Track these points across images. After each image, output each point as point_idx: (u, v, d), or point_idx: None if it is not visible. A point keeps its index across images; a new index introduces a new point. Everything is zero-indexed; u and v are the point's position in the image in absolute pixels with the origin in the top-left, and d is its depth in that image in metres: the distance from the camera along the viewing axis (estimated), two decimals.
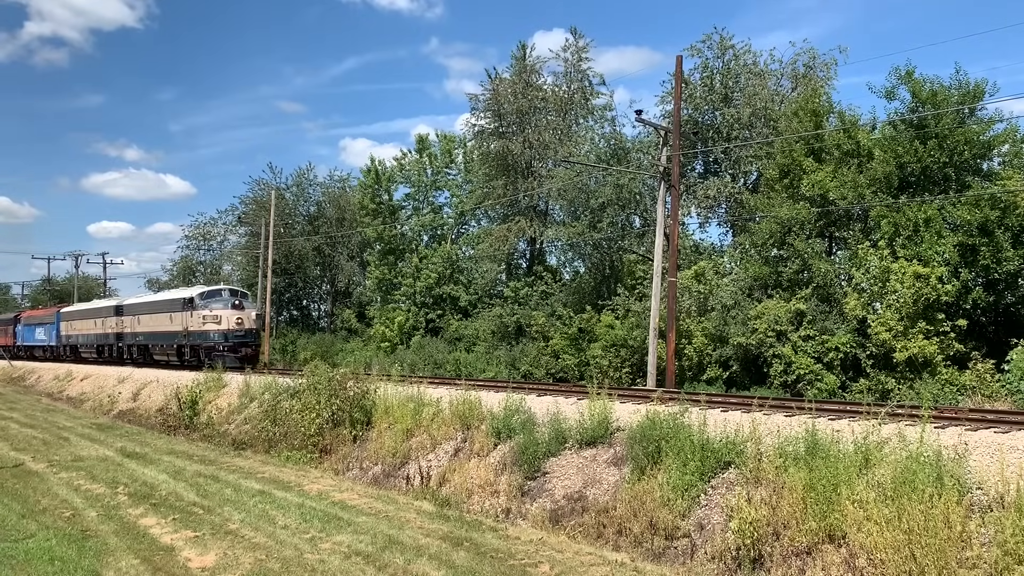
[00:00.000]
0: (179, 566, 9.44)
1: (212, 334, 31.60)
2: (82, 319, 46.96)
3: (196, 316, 32.06)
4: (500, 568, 9.48)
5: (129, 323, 39.63)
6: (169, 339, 34.80)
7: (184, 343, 33.15)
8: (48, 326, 52.56)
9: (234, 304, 32.01)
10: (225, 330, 31.47)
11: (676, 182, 23.11)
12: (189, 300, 32.77)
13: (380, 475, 16.11)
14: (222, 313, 31.64)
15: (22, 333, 58.17)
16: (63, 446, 19.65)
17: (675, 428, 11.69)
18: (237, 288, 36.47)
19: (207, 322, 31.61)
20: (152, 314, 36.75)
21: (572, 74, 39.34)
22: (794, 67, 32.60)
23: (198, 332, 32.06)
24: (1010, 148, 22.87)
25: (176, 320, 33.70)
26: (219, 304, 31.97)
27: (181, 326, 33.12)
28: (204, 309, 31.84)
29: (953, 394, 19.13)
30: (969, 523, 7.98)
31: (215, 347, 31.19)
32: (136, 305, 39.58)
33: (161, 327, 35.59)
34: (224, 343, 31.32)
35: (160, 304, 36.60)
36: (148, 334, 37.39)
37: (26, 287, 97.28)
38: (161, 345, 36.14)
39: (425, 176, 55.32)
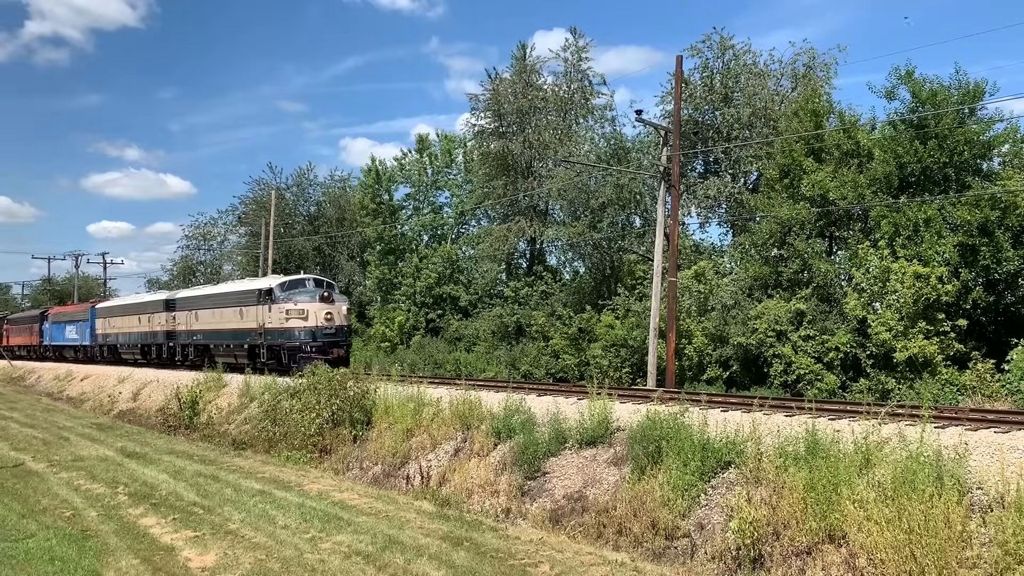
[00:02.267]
0: (179, 566, 9.44)
1: (297, 332, 26.36)
2: (123, 315, 41.55)
3: (276, 311, 26.82)
4: (500, 568, 9.48)
5: (183, 319, 34.12)
6: (238, 338, 29.52)
7: (259, 343, 27.90)
8: (81, 324, 47.08)
9: (322, 296, 26.75)
10: (312, 327, 26.26)
11: (676, 182, 23.11)
12: (266, 292, 27.54)
13: (380, 475, 16.11)
14: (308, 307, 26.44)
15: (50, 332, 52.62)
16: (63, 446, 19.65)
17: (675, 428, 11.68)
18: (322, 277, 30.89)
19: (291, 318, 26.48)
20: (215, 309, 31.41)
21: (572, 74, 39.36)
22: (794, 67, 32.61)
23: (278, 330, 26.82)
24: (1010, 148, 22.86)
25: (248, 316, 28.49)
26: (304, 296, 26.88)
27: (255, 322, 27.88)
28: (286, 302, 26.65)
29: (953, 394, 19.13)
30: (969, 523, 7.98)
31: (300, 348, 26.04)
32: (194, 299, 34.09)
33: (227, 324, 30.32)
34: (311, 343, 26.11)
35: (226, 297, 31.04)
36: (209, 332, 32.12)
37: (26, 287, 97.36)
38: (227, 345, 30.61)
39: (425, 176, 55.33)
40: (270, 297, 27.30)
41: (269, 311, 27.21)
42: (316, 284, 28.21)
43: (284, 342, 26.61)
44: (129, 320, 40.57)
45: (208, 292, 33.60)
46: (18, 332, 60.05)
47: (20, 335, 59.36)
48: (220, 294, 31.85)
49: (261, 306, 27.71)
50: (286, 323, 26.55)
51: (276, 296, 27.11)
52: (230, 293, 30.97)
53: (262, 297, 27.78)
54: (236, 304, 29.68)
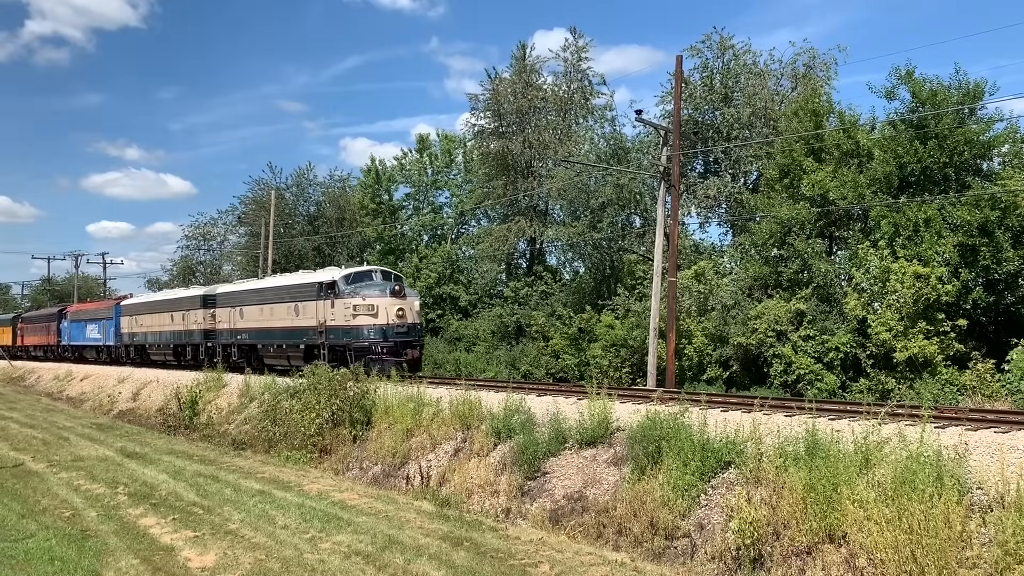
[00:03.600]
0: (179, 566, 9.44)
1: (365, 330, 23.25)
2: (153, 313, 37.99)
3: (341, 306, 23.74)
4: (500, 568, 9.47)
5: (225, 317, 30.83)
6: (292, 337, 26.44)
7: (318, 343, 24.77)
8: (104, 322, 43.65)
9: (393, 290, 23.89)
10: (383, 325, 23.25)
11: (676, 182, 23.11)
12: (329, 285, 24.46)
13: (380, 475, 16.11)
14: (378, 302, 23.44)
15: (68, 331, 49.02)
16: (63, 446, 19.65)
17: (675, 428, 11.68)
18: (389, 269, 28.08)
19: (359, 314, 23.37)
20: (264, 305, 28.28)
21: (572, 74, 39.38)
22: (794, 67, 32.62)
23: (344, 328, 23.62)
24: (1010, 148, 22.87)
25: (306, 312, 25.48)
26: (373, 290, 23.88)
27: (314, 319, 24.86)
28: (353, 297, 23.60)
29: (953, 394, 19.13)
30: (969, 523, 7.98)
31: (369, 348, 23.05)
32: (238, 294, 30.80)
33: (279, 322, 27.19)
34: (382, 342, 23.15)
35: (278, 291, 27.89)
36: (257, 331, 28.83)
37: (26, 287, 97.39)
38: (278, 345, 27.45)
39: (425, 176, 55.36)
40: (333, 291, 24.13)
41: (332, 307, 24.07)
42: (384, 276, 25.40)
43: (350, 342, 23.34)
44: (160, 318, 36.99)
45: (256, 286, 30.23)
46: (33, 331, 56.78)
47: (36, 334, 56.16)
48: (271, 288, 28.61)
49: (322, 301, 24.56)
50: (353, 320, 23.37)
51: (341, 290, 23.93)
52: (283, 287, 27.80)
53: (323, 291, 24.60)
54: (291, 299, 26.57)
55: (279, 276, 31.85)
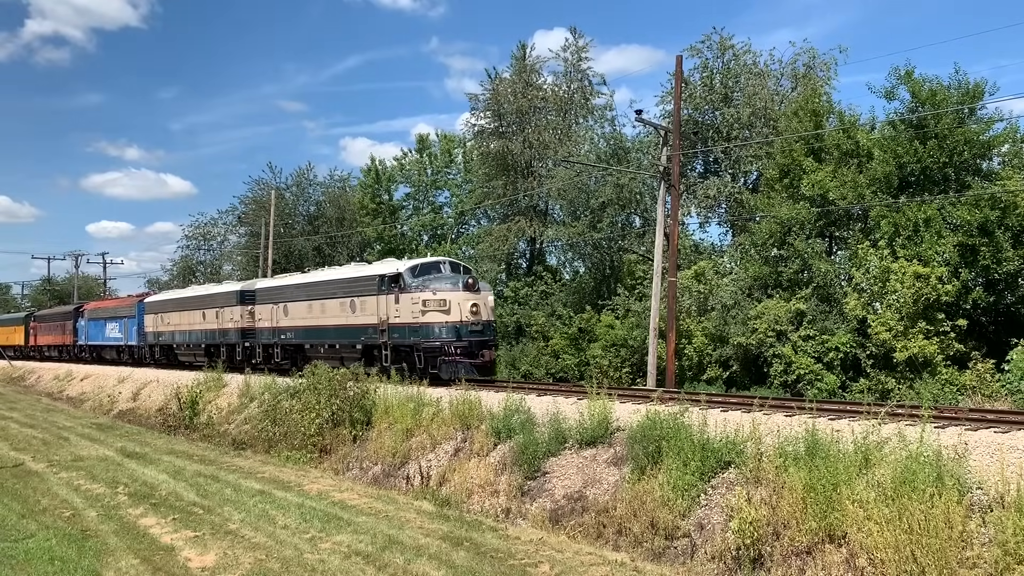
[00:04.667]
0: (179, 566, 9.44)
1: (436, 329, 20.76)
2: (181, 310, 35.34)
3: (407, 302, 21.23)
4: (500, 568, 9.47)
5: (267, 314, 28.32)
6: (349, 336, 23.97)
7: (379, 342, 22.31)
8: (125, 321, 41.01)
9: (466, 284, 21.21)
10: (456, 322, 20.72)
11: (676, 182, 23.11)
12: (392, 278, 22.00)
13: (380, 475, 16.11)
14: (450, 297, 20.85)
15: (85, 330, 46.40)
16: (63, 446, 19.66)
17: (675, 428, 11.68)
18: (458, 261, 25.45)
19: (428, 310, 20.84)
20: (313, 301, 25.80)
21: (572, 74, 39.39)
22: (794, 67, 32.63)
23: (411, 326, 21.17)
24: (1010, 148, 22.88)
25: (364, 308, 23.01)
26: (444, 284, 21.31)
27: (374, 317, 22.38)
28: (421, 291, 21.06)
29: (953, 394, 19.14)
30: (969, 523, 7.98)
31: (441, 348, 20.59)
32: (282, 289, 28.19)
33: (332, 319, 24.66)
34: (455, 342, 20.61)
35: (330, 286, 25.29)
36: (305, 330, 26.23)
37: (26, 287, 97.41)
38: (330, 345, 25.01)
39: (425, 176, 55.38)
40: (397, 285, 21.65)
41: (396, 302, 21.57)
42: (453, 268, 22.80)
43: (420, 341, 20.89)
44: (190, 316, 34.33)
45: (303, 280, 27.66)
46: (47, 331, 53.69)
47: (50, 334, 53.09)
48: (321, 283, 26.03)
49: (384, 296, 22.05)
50: (421, 318, 20.81)
51: (406, 283, 21.44)
52: (336, 281, 25.12)
53: (386, 285, 22.13)
54: (345, 294, 24.01)
55: (329, 269, 28.82)
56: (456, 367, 20.19)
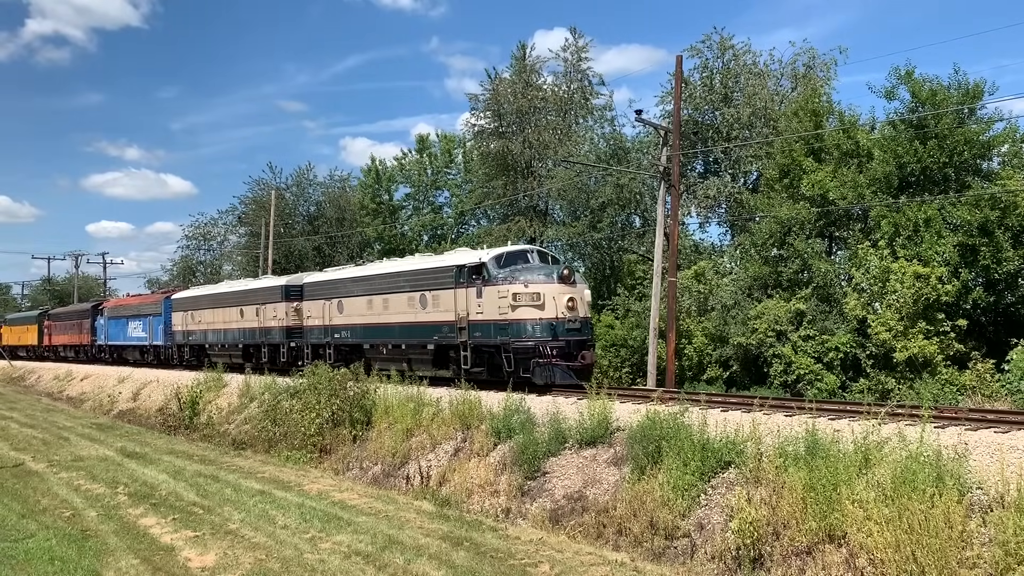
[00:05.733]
0: (179, 566, 9.44)
1: (529, 326, 18.01)
2: (215, 307, 32.47)
3: (493, 296, 18.59)
4: (500, 568, 9.48)
5: (317, 311, 25.60)
6: (418, 335, 21.17)
7: (456, 342, 19.63)
8: (150, 319, 38.37)
9: (562, 275, 18.53)
10: (552, 319, 18.02)
11: (676, 182, 23.11)
12: (474, 269, 19.28)
13: (380, 475, 16.11)
14: (544, 290, 18.15)
15: (105, 329, 43.65)
16: (63, 446, 19.66)
17: (675, 428, 11.68)
18: (546, 250, 22.29)
19: (520, 305, 18.10)
20: (374, 295, 22.92)
21: (572, 74, 39.40)
22: (794, 67, 32.66)
23: (498, 323, 18.42)
24: (1010, 148, 22.88)
25: (438, 303, 20.32)
26: (536, 275, 18.56)
27: (451, 313, 19.73)
28: (510, 283, 18.38)
29: (953, 394, 19.13)
30: (969, 523, 7.98)
31: (535, 349, 17.84)
32: (336, 283, 25.31)
33: (397, 316, 21.86)
34: (550, 342, 17.87)
35: (395, 279, 22.49)
36: (365, 328, 23.37)
37: (26, 287, 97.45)
38: (398, 346, 22.11)
39: (425, 176, 55.40)
40: (480, 276, 19.08)
41: (479, 296, 18.97)
42: (541, 257, 20.13)
43: (508, 341, 18.17)
44: (225, 313, 31.52)
45: (362, 273, 24.76)
46: (62, 330, 50.90)
47: (65, 333, 50.36)
48: (383, 275, 23.24)
49: (464, 289, 19.43)
50: (511, 314, 18.14)
51: (492, 274, 18.85)
52: (402, 273, 22.41)
53: (465, 276, 19.48)
54: (414, 288, 21.36)
55: (393, 260, 25.94)
56: (552, 371, 17.62)
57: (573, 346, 18.21)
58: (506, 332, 18.28)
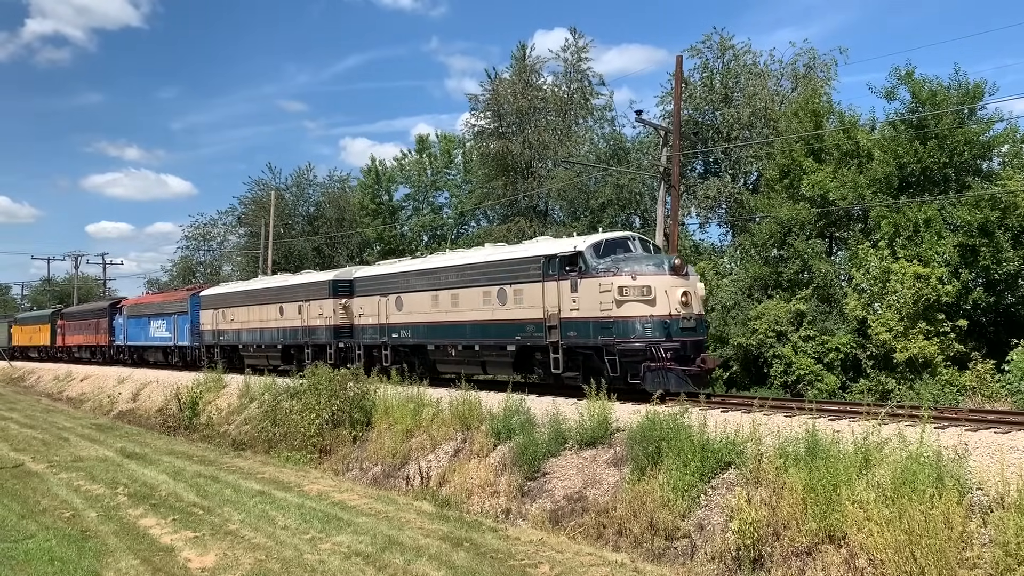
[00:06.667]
0: (179, 566, 9.44)
1: (637, 325, 15.67)
2: (250, 304, 30.02)
3: (592, 289, 16.26)
4: (500, 568, 9.47)
5: (371, 308, 23.28)
6: (495, 335, 18.88)
7: (545, 342, 17.34)
8: (175, 317, 36.02)
9: (673, 266, 16.15)
10: (664, 317, 15.67)
11: (676, 182, 23.11)
12: (567, 259, 17.01)
13: (380, 475, 16.11)
14: (654, 282, 15.81)
15: (124, 328, 41.40)
16: (63, 446, 19.66)
17: (675, 428, 11.68)
18: (647, 238, 19.60)
19: (627, 300, 15.73)
20: (441, 290, 20.67)
21: (572, 74, 39.43)
22: (794, 67, 32.67)
23: (599, 321, 16.10)
24: (1010, 148, 22.89)
25: (521, 298, 18.05)
26: (646, 266, 16.20)
27: (538, 309, 17.52)
28: (614, 274, 16.04)
29: (953, 394, 19.13)
30: (969, 523, 7.98)
31: (645, 351, 15.47)
32: (394, 277, 22.89)
33: (469, 313, 19.65)
34: (664, 343, 15.51)
35: (466, 272, 20.08)
36: (430, 327, 21.06)
37: (26, 287, 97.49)
38: (470, 347, 19.96)
39: (425, 176, 55.40)
40: (576, 267, 16.75)
41: (573, 290, 16.66)
42: (643, 245, 17.90)
43: (612, 341, 15.81)
44: (262, 311, 29.14)
45: (425, 266, 22.14)
46: (77, 329, 48.64)
47: (80, 333, 48.04)
48: (452, 268, 20.72)
49: (553, 283, 17.15)
50: (616, 309, 15.80)
51: (590, 265, 16.50)
52: (477, 265, 19.85)
53: (556, 268, 17.16)
54: (491, 281, 19.07)
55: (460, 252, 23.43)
56: (665, 376, 15.26)
57: (689, 348, 15.92)
58: (609, 331, 15.94)
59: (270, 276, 34.88)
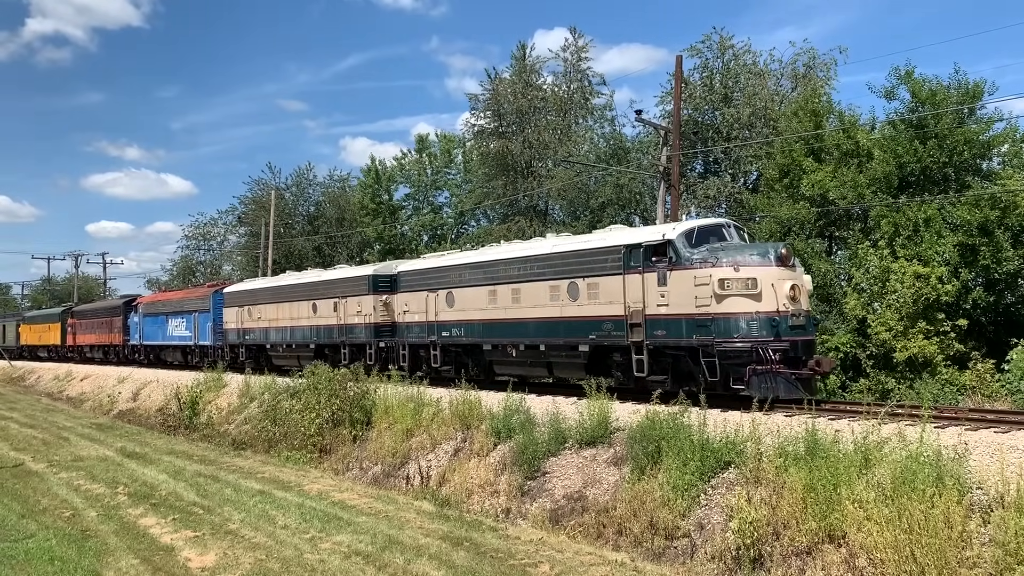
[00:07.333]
0: (179, 566, 9.44)
1: (741, 323, 13.90)
2: (279, 301, 28.26)
3: (685, 282, 14.53)
4: (500, 568, 9.48)
5: (418, 304, 21.75)
6: (567, 333, 17.10)
7: (630, 342, 15.50)
8: (196, 315, 34.02)
9: (780, 256, 14.30)
10: (771, 313, 13.90)
11: (676, 182, 23.11)
12: (656, 249, 15.13)
13: (380, 475, 16.11)
14: (758, 274, 14.03)
15: (140, 327, 39.50)
16: (63, 446, 19.66)
17: (675, 428, 11.68)
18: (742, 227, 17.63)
19: (728, 294, 13.99)
20: (503, 284, 18.94)
21: (572, 74, 39.45)
22: (794, 67, 32.69)
23: (695, 319, 14.35)
24: (1010, 148, 22.90)
25: (597, 293, 16.28)
26: (749, 255, 14.36)
27: (618, 305, 15.69)
28: (711, 265, 14.28)
29: (953, 394, 19.14)
30: (969, 523, 7.98)
31: (751, 352, 13.71)
32: (445, 271, 21.24)
33: (536, 309, 17.93)
34: (772, 343, 13.75)
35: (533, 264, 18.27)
36: (489, 325, 19.35)
37: (26, 287, 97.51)
38: (535, 347, 18.19)
39: (425, 176, 55.42)
40: (666, 257, 14.92)
41: (662, 283, 14.89)
42: (739, 233, 16.04)
43: (712, 341, 14.04)
44: (292, 308, 27.42)
45: (479, 258, 20.39)
46: (89, 328, 46.64)
47: (93, 332, 46.10)
48: (513, 260, 18.95)
49: (638, 275, 15.32)
50: (716, 305, 14.05)
51: (682, 255, 14.70)
52: (543, 257, 18.07)
53: (641, 259, 15.35)
54: (559, 274, 17.35)
55: (519, 243, 21.01)
56: (774, 381, 13.48)
57: (801, 349, 14.13)
58: (707, 330, 14.14)
59: (304, 271, 32.39)
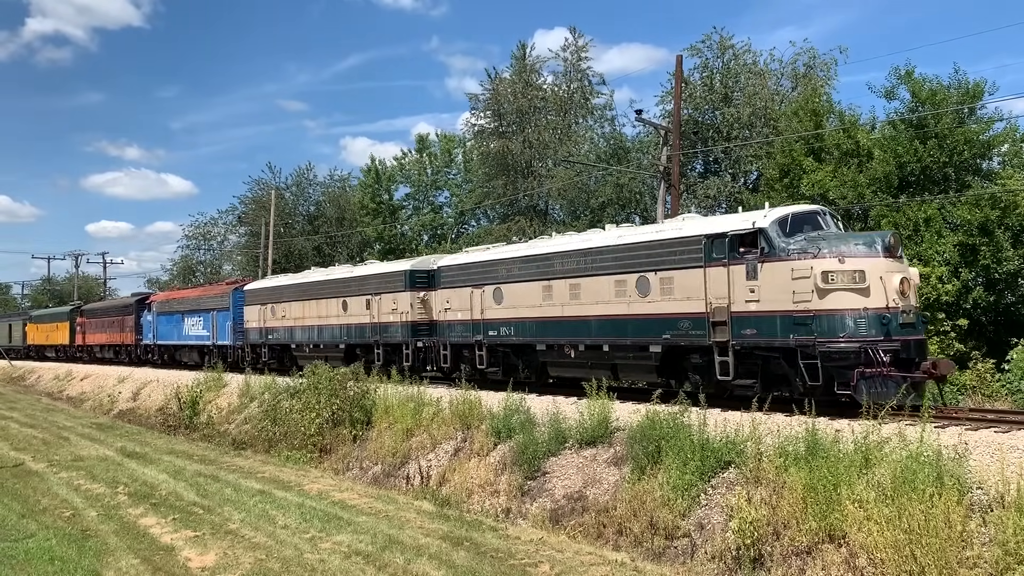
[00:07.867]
0: (179, 566, 9.44)
1: (847, 321, 12.54)
2: (305, 299, 26.88)
3: (780, 275, 13.10)
4: (500, 568, 9.47)
5: (460, 301, 20.38)
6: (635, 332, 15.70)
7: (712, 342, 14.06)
8: (214, 314, 32.58)
9: (887, 246, 12.91)
10: (880, 310, 12.56)
11: (676, 182, 23.11)
12: (743, 238, 13.72)
13: (380, 475, 16.11)
14: (865, 266, 12.65)
15: (154, 326, 37.91)
16: (63, 446, 19.66)
17: (675, 428, 11.68)
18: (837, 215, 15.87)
19: (831, 288, 12.59)
20: (558, 279, 17.43)
21: (572, 74, 39.46)
22: (794, 67, 32.70)
23: (792, 316, 12.96)
24: (1010, 148, 22.92)
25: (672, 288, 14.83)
26: (854, 245, 12.97)
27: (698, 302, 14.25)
28: (813, 256, 12.86)
29: (953, 394, 19.13)
30: (969, 523, 7.98)
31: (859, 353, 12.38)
32: (490, 265, 19.77)
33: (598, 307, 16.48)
34: (882, 342, 12.42)
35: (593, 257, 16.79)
36: (543, 323, 17.96)
37: (26, 287, 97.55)
38: (596, 348, 16.78)
39: (425, 176, 55.44)
40: (753, 248, 13.56)
41: (751, 276, 13.46)
42: (833, 219, 14.63)
43: (813, 341, 12.68)
44: (320, 306, 26.08)
45: (532, 251, 18.79)
46: (99, 327, 45.23)
47: (103, 331, 44.62)
48: (571, 252, 17.38)
49: (722, 268, 13.89)
50: (817, 300, 12.66)
51: (775, 245, 13.30)
52: (606, 249, 16.59)
53: (726, 249, 13.90)
54: (626, 268, 15.88)
55: (576, 235, 19.08)
56: (886, 385, 12.27)
57: (913, 349, 12.78)
58: (807, 328, 12.75)
59: (332, 267, 31.20)
